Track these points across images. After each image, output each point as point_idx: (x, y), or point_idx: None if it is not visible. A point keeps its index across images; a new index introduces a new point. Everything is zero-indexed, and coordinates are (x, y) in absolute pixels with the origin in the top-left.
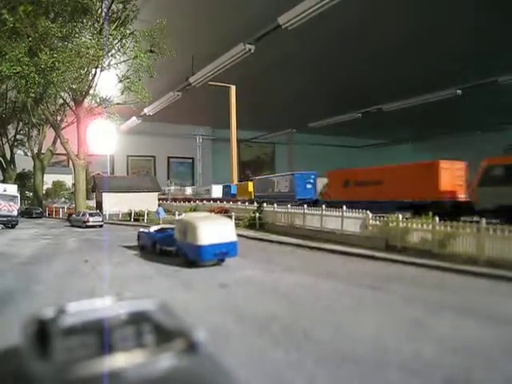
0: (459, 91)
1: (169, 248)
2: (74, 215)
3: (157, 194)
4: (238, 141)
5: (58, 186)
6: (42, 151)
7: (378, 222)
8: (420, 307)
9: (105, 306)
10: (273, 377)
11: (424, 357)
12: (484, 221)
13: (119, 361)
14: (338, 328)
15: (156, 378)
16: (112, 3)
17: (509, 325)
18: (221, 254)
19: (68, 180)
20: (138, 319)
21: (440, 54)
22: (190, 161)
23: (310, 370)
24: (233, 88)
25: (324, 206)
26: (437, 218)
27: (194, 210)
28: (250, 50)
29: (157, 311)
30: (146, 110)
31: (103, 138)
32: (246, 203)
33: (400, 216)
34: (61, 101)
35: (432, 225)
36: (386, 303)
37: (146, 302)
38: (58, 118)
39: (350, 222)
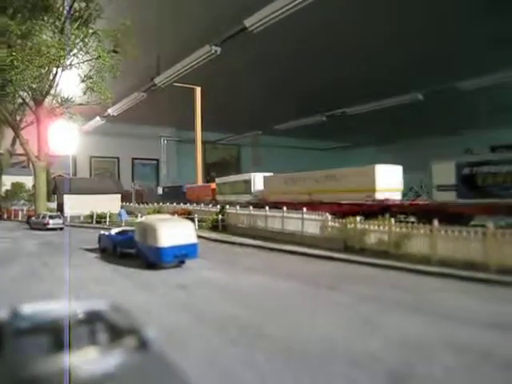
0: (420, 96)
1: (129, 250)
2: (33, 218)
3: (119, 195)
4: (204, 142)
5: (17, 187)
6: (0, 151)
7: (336, 224)
8: (372, 306)
9: (59, 306)
10: (224, 373)
11: (370, 352)
12: (436, 222)
13: (72, 359)
14: (292, 326)
15: (107, 373)
16: (74, 1)
17: (452, 320)
18: (181, 255)
19: (28, 181)
20: (91, 319)
21: (402, 59)
22: (155, 162)
23: (261, 366)
24: (198, 89)
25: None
26: (392, 220)
27: (158, 212)
28: (216, 51)
29: (109, 311)
30: (110, 111)
31: (65, 139)
32: (210, 205)
33: (358, 218)
34: (20, 100)
35: (388, 226)
36: (340, 302)
37: (99, 302)
38: (18, 117)
39: (310, 223)
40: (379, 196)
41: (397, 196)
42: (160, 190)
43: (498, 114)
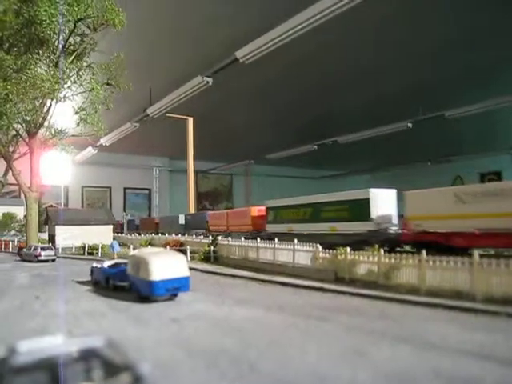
0: (410, 124)
1: (122, 283)
2: (25, 249)
3: (111, 226)
4: (196, 172)
5: (8, 217)
6: None
7: (327, 255)
8: (362, 336)
9: (55, 343)
10: None
11: (358, 383)
12: (424, 253)
13: None
14: (283, 359)
15: None
16: (70, 36)
17: (439, 350)
18: (173, 289)
19: (19, 211)
20: (87, 356)
21: (391, 89)
22: (147, 192)
23: None
24: (190, 120)
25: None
26: (382, 251)
27: (150, 243)
28: (207, 82)
29: (105, 347)
30: (102, 141)
31: (57, 169)
32: (201, 236)
33: (348, 249)
34: (13, 132)
35: (377, 257)
36: (330, 334)
37: (95, 339)
38: (10, 148)
39: (301, 254)
40: None
41: None
42: (182, 219)
43: (485, 142)
